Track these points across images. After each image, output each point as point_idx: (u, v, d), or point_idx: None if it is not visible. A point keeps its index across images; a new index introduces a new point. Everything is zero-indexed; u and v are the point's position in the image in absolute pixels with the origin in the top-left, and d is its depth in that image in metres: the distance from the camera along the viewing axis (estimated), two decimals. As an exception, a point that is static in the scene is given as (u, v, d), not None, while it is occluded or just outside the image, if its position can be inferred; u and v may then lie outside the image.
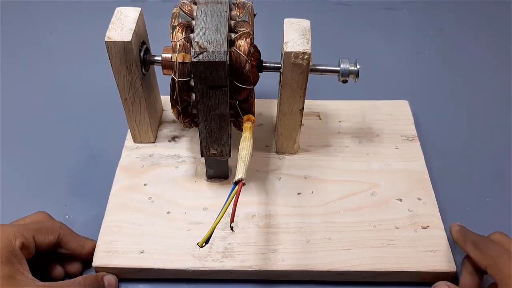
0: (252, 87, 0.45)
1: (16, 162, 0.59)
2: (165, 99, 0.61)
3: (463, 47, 0.76)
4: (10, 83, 0.69)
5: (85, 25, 0.78)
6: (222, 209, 0.38)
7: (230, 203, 0.39)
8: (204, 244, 0.38)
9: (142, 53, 0.49)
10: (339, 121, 0.61)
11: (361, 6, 0.83)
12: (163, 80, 0.53)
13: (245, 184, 0.40)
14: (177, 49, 0.43)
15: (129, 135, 0.58)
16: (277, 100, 0.55)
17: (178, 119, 0.48)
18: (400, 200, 0.52)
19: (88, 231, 0.51)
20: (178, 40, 0.43)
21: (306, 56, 0.45)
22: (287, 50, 0.45)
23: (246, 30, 0.44)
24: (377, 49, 0.76)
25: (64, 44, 0.75)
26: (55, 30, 0.78)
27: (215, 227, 0.37)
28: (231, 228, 0.38)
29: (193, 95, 0.45)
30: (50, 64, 0.72)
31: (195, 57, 0.40)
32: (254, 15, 0.49)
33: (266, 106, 0.62)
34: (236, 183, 0.40)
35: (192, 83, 0.44)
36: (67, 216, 0.53)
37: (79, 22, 0.79)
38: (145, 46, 0.50)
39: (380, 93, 0.65)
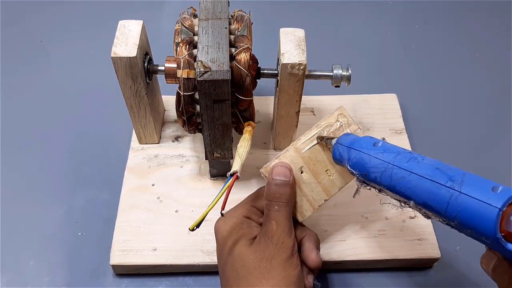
0: (252, 98, 0.49)
1: (22, 167, 0.62)
2: (166, 99, 0.64)
3: (448, 40, 0.79)
4: (13, 88, 0.71)
5: (85, 31, 0.79)
6: (215, 198, 0.41)
7: (223, 193, 0.41)
8: (195, 228, 0.41)
9: (146, 64, 0.52)
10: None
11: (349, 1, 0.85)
12: (163, 80, 0.55)
13: (239, 177, 0.43)
14: (182, 65, 0.46)
15: (134, 136, 0.61)
16: (273, 97, 0.58)
17: (183, 127, 0.51)
18: (390, 192, 0.57)
19: (100, 232, 0.56)
20: (182, 57, 0.46)
21: (302, 67, 0.49)
22: (284, 62, 0.48)
23: (246, 46, 0.47)
24: (365, 42, 0.79)
25: (62, 49, 0.77)
26: (52, 37, 0.79)
27: (206, 213, 0.40)
28: (222, 215, 0.41)
29: (198, 106, 0.48)
30: (52, 68, 0.74)
31: (200, 76, 0.43)
32: (252, 23, 0.51)
33: (263, 103, 0.65)
34: (231, 175, 0.43)
35: (196, 96, 0.47)
36: (76, 222, 0.57)
37: (78, 28, 0.80)
38: (148, 56, 0.53)
39: (370, 87, 0.69)
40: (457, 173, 0.33)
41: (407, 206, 0.37)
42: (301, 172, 0.46)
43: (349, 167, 0.40)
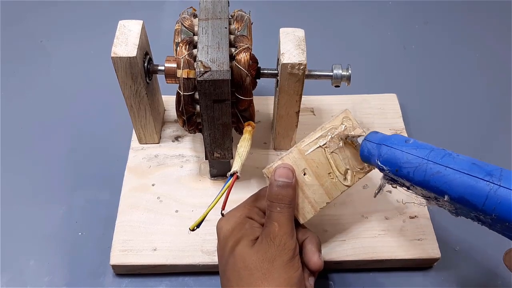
0: (252, 98, 0.49)
1: (22, 167, 0.62)
2: (166, 99, 0.64)
3: (448, 40, 0.78)
4: (13, 88, 0.71)
5: (85, 31, 0.79)
6: (215, 198, 0.41)
7: (223, 193, 0.42)
8: (195, 228, 0.41)
9: (145, 64, 0.52)
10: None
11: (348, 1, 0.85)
12: (163, 80, 0.54)
13: (239, 177, 0.43)
14: (182, 65, 0.46)
15: (134, 136, 0.61)
16: (273, 97, 0.58)
17: (183, 127, 0.51)
18: (390, 192, 0.57)
19: (100, 232, 0.56)
20: (182, 57, 0.46)
21: (302, 67, 0.49)
22: (284, 62, 0.48)
23: (246, 46, 0.47)
24: (365, 42, 0.78)
25: (62, 49, 0.77)
26: (51, 37, 0.79)
27: (206, 214, 0.40)
28: (222, 215, 0.41)
29: (198, 106, 0.48)
30: (52, 68, 0.74)
31: (200, 76, 0.43)
32: (252, 23, 0.51)
33: (263, 103, 0.65)
34: (231, 175, 0.43)
35: (196, 96, 0.47)
36: (76, 222, 0.57)
37: (78, 28, 0.80)
38: (148, 56, 0.53)
39: (370, 87, 0.68)
40: (494, 168, 0.34)
41: (436, 202, 0.37)
42: (304, 174, 0.46)
43: (379, 163, 0.40)
